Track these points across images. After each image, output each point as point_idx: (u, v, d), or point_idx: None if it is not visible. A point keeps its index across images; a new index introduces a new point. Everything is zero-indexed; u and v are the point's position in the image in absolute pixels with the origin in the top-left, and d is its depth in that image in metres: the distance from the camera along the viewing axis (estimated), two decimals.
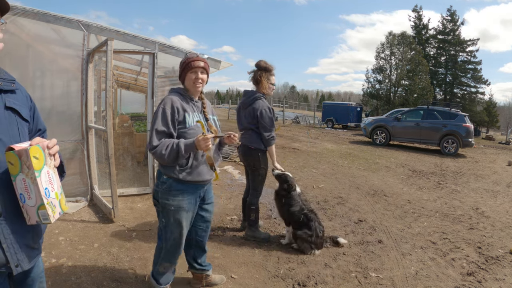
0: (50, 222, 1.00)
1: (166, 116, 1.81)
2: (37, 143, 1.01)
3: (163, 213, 1.95)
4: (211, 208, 2.17)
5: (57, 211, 1.04)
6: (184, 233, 2.00)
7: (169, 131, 1.82)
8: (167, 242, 2.01)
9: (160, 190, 1.91)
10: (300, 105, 52.95)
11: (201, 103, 2.03)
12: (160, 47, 4.17)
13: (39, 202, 0.97)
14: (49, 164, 1.03)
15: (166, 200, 1.90)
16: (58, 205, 1.05)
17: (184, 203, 1.92)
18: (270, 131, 2.98)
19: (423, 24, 30.35)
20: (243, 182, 5.08)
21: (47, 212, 0.98)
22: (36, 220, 1.00)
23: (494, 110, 31.11)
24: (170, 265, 2.08)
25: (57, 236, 2.98)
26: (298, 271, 2.63)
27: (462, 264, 2.87)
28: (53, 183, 1.04)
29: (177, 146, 1.75)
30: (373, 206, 4.48)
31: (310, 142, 11.58)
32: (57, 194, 1.05)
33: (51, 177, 1.03)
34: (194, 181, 1.91)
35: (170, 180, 1.88)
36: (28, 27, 3.56)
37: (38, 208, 0.98)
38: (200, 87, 1.95)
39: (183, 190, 1.90)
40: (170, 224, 1.94)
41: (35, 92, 3.73)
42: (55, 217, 1.02)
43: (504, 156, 11.41)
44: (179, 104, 1.86)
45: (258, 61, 3.05)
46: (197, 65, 1.91)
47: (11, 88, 1.09)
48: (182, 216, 1.93)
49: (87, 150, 3.91)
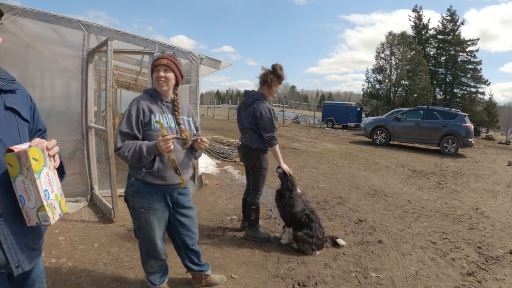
0: (50, 224, 1.00)
1: (130, 118, 1.79)
2: (36, 144, 1.00)
3: (134, 214, 1.94)
4: (190, 213, 2.09)
5: (57, 213, 1.03)
6: (157, 234, 1.96)
7: (133, 133, 1.80)
8: (143, 242, 2.01)
9: (130, 192, 1.90)
10: (300, 105, 52.93)
11: (173, 104, 1.96)
12: (160, 47, 4.17)
13: (39, 204, 0.97)
14: (48, 165, 1.02)
15: (135, 202, 1.89)
16: (58, 207, 1.05)
17: (153, 205, 1.89)
18: (270, 131, 2.95)
19: (423, 24, 30.36)
20: (243, 182, 5.09)
21: (47, 214, 0.98)
22: (36, 221, 1.00)
23: (494, 110, 31.12)
24: (155, 263, 2.06)
25: (57, 236, 2.98)
26: (298, 271, 2.63)
27: (462, 264, 2.87)
28: (52, 185, 1.03)
29: (139, 148, 1.73)
30: (373, 206, 4.48)
31: (310, 142, 11.60)
32: (56, 195, 1.05)
33: (51, 179, 1.03)
34: (161, 185, 1.87)
35: (138, 182, 1.87)
36: (28, 27, 3.56)
37: (38, 210, 0.98)
38: (163, 85, 1.87)
39: (151, 192, 1.87)
40: (142, 226, 1.93)
41: (35, 92, 3.73)
42: (55, 218, 1.02)
43: (504, 156, 11.41)
44: (146, 106, 1.83)
45: (275, 65, 3.00)
46: (159, 63, 1.85)
47: (11, 88, 1.08)
48: (153, 218, 1.91)
49: (87, 150, 3.91)
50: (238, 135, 3.30)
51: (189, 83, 4.57)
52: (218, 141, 9.78)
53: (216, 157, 7.30)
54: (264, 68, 3.05)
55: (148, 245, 1.98)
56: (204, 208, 4.03)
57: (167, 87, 1.89)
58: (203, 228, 3.37)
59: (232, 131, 13.86)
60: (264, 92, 3.04)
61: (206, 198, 4.43)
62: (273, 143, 2.97)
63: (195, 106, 4.65)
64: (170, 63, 1.87)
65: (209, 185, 5.06)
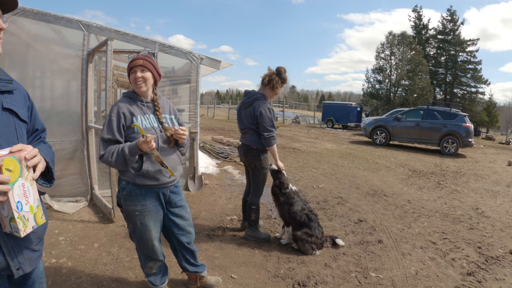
0: (20, 236, 0.97)
1: (111, 123, 1.77)
2: (16, 151, 0.96)
3: (128, 218, 1.93)
4: (183, 213, 2.08)
5: (30, 225, 1.00)
6: (154, 235, 1.95)
7: (115, 138, 1.77)
8: (140, 245, 1.99)
9: (122, 196, 1.88)
10: (300, 105, 52.95)
11: (153, 103, 1.93)
12: (160, 47, 4.17)
13: (10, 215, 0.95)
14: (25, 176, 0.98)
15: (128, 206, 1.88)
16: (32, 219, 1.01)
17: (147, 207, 1.88)
18: (269, 131, 2.96)
19: (423, 24, 30.39)
20: (243, 182, 5.09)
21: (17, 226, 0.96)
22: (9, 230, 0.98)
23: (494, 110, 31.11)
24: (154, 264, 2.05)
25: (57, 236, 2.98)
26: (298, 271, 2.63)
27: (462, 264, 2.87)
28: (28, 196, 0.99)
29: (122, 151, 1.72)
30: (373, 206, 4.48)
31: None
32: (32, 207, 1.01)
33: (26, 190, 0.99)
34: (152, 185, 1.87)
35: (129, 185, 1.85)
36: (28, 27, 3.56)
37: (9, 220, 0.96)
38: (142, 86, 1.84)
39: (143, 194, 1.86)
40: (138, 229, 1.92)
41: (35, 92, 3.73)
42: (26, 231, 0.98)
43: (504, 156, 11.40)
44: (126, 109, 1.81)
45: (280, 67, 3.04)
46: (135, 64, 1.83)
47: (9, 89, 1.07)
48: (147, 220, 1.90)
49: (87, 150, 3.91)
50: (238, 135, 3.30)
51: (189, 83, 4.57)
52: (218, 141, 9.78)
53: (216, 157, 7.30)
54: (270, 69, 3.08)
55: (145, 247, 1.97)
56: (204, 208, 4.03)
57: (146, 87, 1.87)
58: (203, 228, 3.37)
59: (232, 131, 13.86)
60: (266, 92, 3.05)
61: (206, 198, 4.43)
62: (272, 143, 2.98)
63: (195, 106, 4.65)
64: (146, 63, 1.84)
65: (209, 185, 5.06)
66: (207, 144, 8.30)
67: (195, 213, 3.78)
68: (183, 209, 2.09)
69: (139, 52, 1.93)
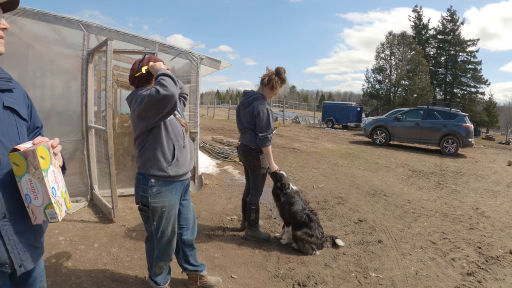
0: (58, 221, 1.02)
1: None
2: (40, 142, 1.01)
3: (154, 216, 1.94)
4: (188, 205, 2.17)
5: (63, 210, 1.06)
6: (176, 228, 2.04)
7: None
8: (160, 243, 2.01)
9: (150, 195, 1.90)
10: (300, 105, 52.94)
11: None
12: (160, 47, 4.17)
13: (47, 202, 0.99)
14: (54, 163, 1.04)
15: (157, 203, 1.90)
16: (64, 203, 1.07)
17: (173, 202, 1.97)
18: (264, 131, 2.93)
19: (423, 24, 30.39)
20: (243, 182, 5.08)
21: (55, 211, 1.00)
22: (43, 219, 1.01)
23: (494, 110, 31.08)
24: (165, 263, 2.10)
25: (57, 236, 2.98)
26: (298, 271, 2.63)
27: (462, 264, 2.87)
28: (58, 182, 1.05)
29: (163, 77, 1.76)
30: (373, 206, 4.48)
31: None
32: (62, 192, 1.07)
33: (57, 176, 1.04)
34: (182, 174, 1.97)
35: (159, 181, 1.90)
36: (28, 27, 3.56)
37: (45, 208, 0.99)
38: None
39: (171, 189, 1.94)
40: (162, 225, 1.95)
41: (35, 92, 3.73)
42: (61, 215, 1.03)
43: (504, 156, 11.41)
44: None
45: (279, 68, 3.04)
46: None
47: (9, 87, 1.07)
48: (171, 214, 1.98)
49: (87, 150, 3.91)
50: (238, 135, 3.30)
51: (189, 83, 4.57)
52: (218, 141, 9.78)
53: (216, 157, 7.30)
54: (268, 69, 3.07)
55: (166, 243, 2.02)
56: (204, 208, 4.03)
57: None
58: (203, 228, 3.37)
59: (232, 131, 13.86)
60: (265, 92, 3.05)
61: (206, 198, 4.43)
62: (266, 144, 2.95)
63: (195, 106, 4.65)
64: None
65: (209, 185, 5.06)
66: (207, 144, 8.30)
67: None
68: (188, 202, 2.19)
69: (145, 54, 2.02)
